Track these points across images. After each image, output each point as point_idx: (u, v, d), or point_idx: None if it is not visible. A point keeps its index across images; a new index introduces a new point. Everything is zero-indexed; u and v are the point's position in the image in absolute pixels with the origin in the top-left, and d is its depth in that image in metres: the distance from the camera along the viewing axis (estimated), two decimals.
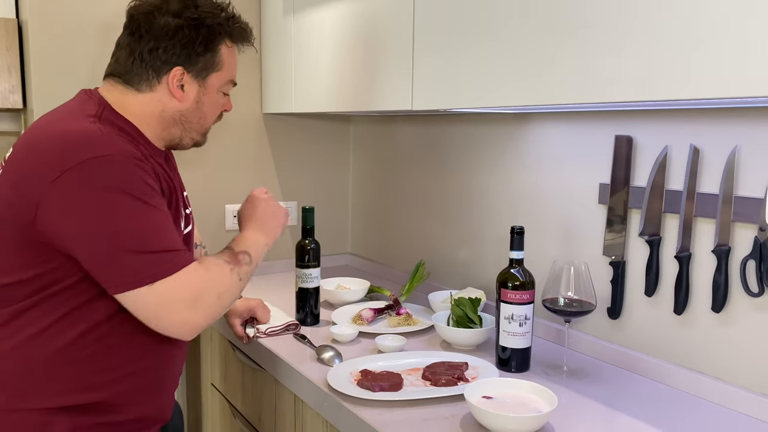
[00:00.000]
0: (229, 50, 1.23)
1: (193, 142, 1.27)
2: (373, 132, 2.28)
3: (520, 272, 1.37)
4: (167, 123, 1.20)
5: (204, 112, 1.23)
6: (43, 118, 1.15)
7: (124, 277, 1.02)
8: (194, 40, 1.16)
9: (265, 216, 1.31)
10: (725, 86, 0.90)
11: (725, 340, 1.26)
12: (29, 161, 1.05)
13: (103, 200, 1.01)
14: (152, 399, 1.21)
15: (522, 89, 1.21)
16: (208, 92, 1.22)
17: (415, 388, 1.28)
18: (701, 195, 1.27)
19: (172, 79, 1.17)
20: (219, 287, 1.11)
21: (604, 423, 1.18)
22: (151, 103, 1.18)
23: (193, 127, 1.24)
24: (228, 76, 1.24)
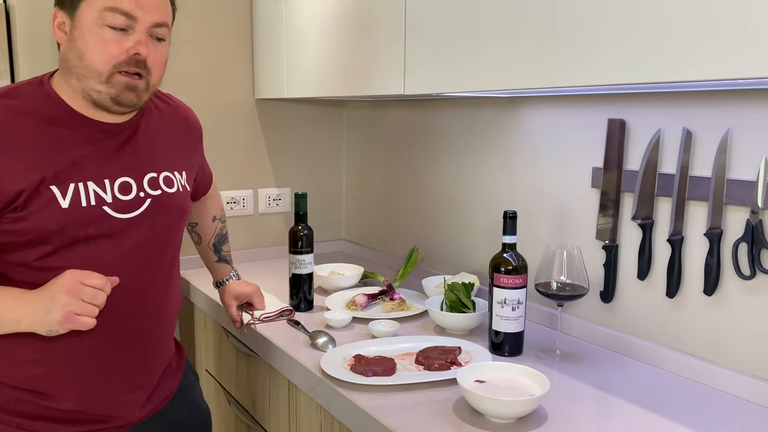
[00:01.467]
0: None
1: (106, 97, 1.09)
2: (367, 117, 2.27)
3: (513, 257, 1.37)
4: (65, 75, 1.10)
5: (79, 49, 1.07)
6: None
7: None
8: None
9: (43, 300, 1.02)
10: (719, 68, 0.90)
11: (717, 323, 1.26)
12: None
13: None
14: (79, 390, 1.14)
15: (514, 73, 1.20)
16: (78, 26, 1.07)
17: (409, 372, 1.28)
18: (694, 178, 1.27)
19: (53, 22, 1.11)
20: None
21: (597, 406, 1.18)
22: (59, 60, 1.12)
23: (82, 72, 1.08)
24: (103, 3, 1.06)
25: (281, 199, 2.30)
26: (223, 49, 2.11)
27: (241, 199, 2.21)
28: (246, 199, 2.23)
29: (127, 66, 1.08)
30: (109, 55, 1.07)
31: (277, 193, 2.29)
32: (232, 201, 2.20)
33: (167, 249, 1.24)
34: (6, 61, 1.86)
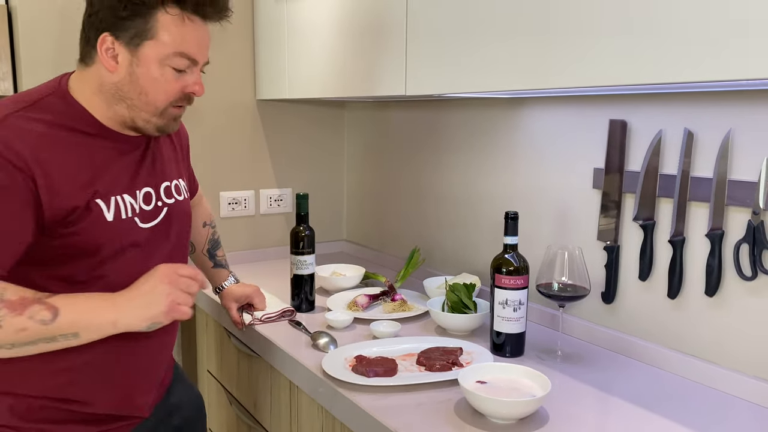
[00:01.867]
0: (173, 18, 1.08)
1: (152, 126, 1.14)
2: (368, 118, 2.28)
3: (515, 257, 1.37)
4: (109, 99, 1.11)
5: (142, 87, 1.09)
6: None
7: None
8: (120, 2, 1.06)
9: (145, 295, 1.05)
10: (720, 69, 0.90)
11: (718, 324, 1.26)
12: None
13: None
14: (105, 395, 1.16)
15: (516, 73, 1.20)
16: (142, 64, 1.08)
17: (410, 373, 1.28)
18: (695, 179, 1.27)
19: (101, 45, 1.08)
20: None
21: (598, 407, 1.18)
22: (92, 76, 1.11)
23: (137, 104, 1.11)
24: (171, 48, 1.09)
25: (282, 199, 2.30)
26: (225, 50, 2.11)
27: (242, 199, 2.21)
28: (247, 199, 2.23)
29: (180, 101, 1.15)
30: (170, 94, 1.12)
31: (278, 193, 2.29)
32: (234, 201, 2.20)
33: (180, 255, 1.28)
34: (8, 63, 1.87)
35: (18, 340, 0.98)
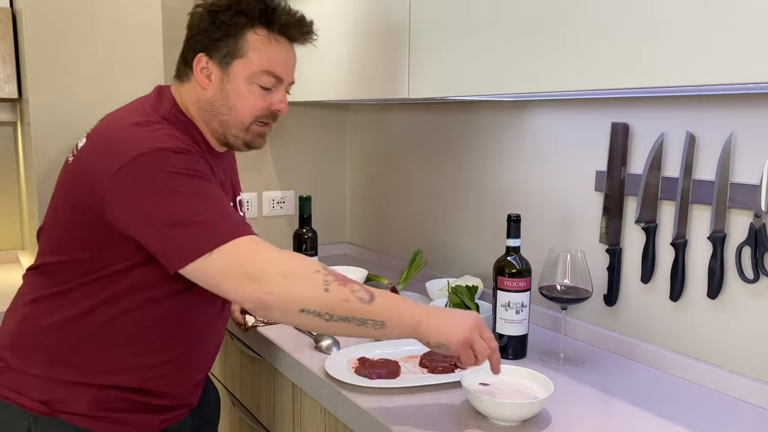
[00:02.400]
0: (261, 39, 1.18)
1: (240, 141, 1.24)
2: (371, 120, 2.28)
3: (517, 260, 1.37)
4: (205, 116, 1.21)
5: (232, 103, 1.19)
6: (116, 113, 1.19)
7: (181, 250, 1.03)
8: (213, 24, 1.17)
9: (453, 317, 1.07)
10: (721, 72, 0.90)
11: (721, 326, 1.27)
12: (98, 152, 1.10)
13: (161, 182, 1.04)
14: (179, 386, 1.25)
15: (518, 77, 1.20)
16: (233, 80, 1.18)
17: (413, 375, 1.28)
18: (697, 182, 1.27)
19: (196, 65, 1.19)
20: (285, 267, 1.03)
21: (601, 409, 1.19)
22: (190, 93, 1.21)
23: (227, 120, 1.20)
24: (259, 66, 1.18)
25: (285, 201, 2.31)
26: None
27: (245, 201, 2.22)
28: (250, 201, 2.24)
29: (265, 118, 1.23)
30: (256, 110, 1.21)
31: (281, 195, 2.30)
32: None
33: None
34: (12, 66, 1.88)
35: (337, 311, 1.02)
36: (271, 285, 1.01)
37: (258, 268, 1.02)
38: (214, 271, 1.02)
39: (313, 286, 1.02)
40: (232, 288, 1.02)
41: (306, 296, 1.02)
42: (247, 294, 1.01)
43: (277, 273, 1.02)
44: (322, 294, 1.02)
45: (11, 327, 1.20)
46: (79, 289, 1.14)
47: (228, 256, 1.02)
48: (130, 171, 1.04)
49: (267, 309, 1.02)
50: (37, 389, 1.14)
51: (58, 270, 1.15)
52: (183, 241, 1.03)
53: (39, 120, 1.82)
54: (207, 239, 1.02)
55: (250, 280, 1.01)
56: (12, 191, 2.24)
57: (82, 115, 1.82)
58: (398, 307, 1.05)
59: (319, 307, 1.02)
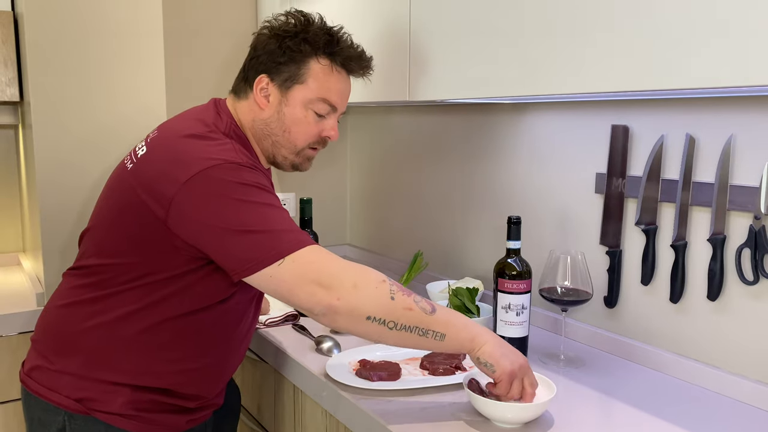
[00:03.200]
0: (323, 68, 1.24)
1: (288, 162, 1.29)
2: (371, 123, 2.29)
3: (517, 262, 1.38)
4: (258, 135, 1.26)
5: (287, 125, 1.24)
6: (180, 122, 1.22)
7: (250, 258, 1.06)
8: (280, 49, 1.22)
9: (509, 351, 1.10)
10: (721, 76, 0.91)
11: (720, 328, 1.27)
12: (165, 161, 1.13)
13: (230, 192, 1.07)
14: (210, 390, 1.29)
15: (518, 79, 1.21)
16: (290, 104, 1.24)
17: (413, 377, 1.29)
18: (697, 184, 1.28)
19: (257, 85, 1.24)
20: (355, 277, 1.06)
21: (602, 411, 1.19)
22: (246, 111, 1.26)
23: (280, 141, 1.25)
24: (317, 93, 1.24)
25: (285, 204, 2.31)
26: (229, 55, 2.13)
27: None
28: None
29: (316, 144, 1.29)
30: (309, 135, 1.26)
31: (281, 198, 2.30)
32: None
33: None
34: (14, 69, 1.88)
35: (401, 319, 1.05)
36: (341, 292, 1.05)
37: (329, 275, 1.06)
38: (287, 276, 1.05)
39: (380, 295, 1.05)
40: (305, 293, 1.05)
41: (373, 304, 1.05)
42: (318, 299, 1.05)
43: (347, 281, 1.05)
44: (388, 302, 1.05)
45: (50, 326, 1.23)
46: (123, 294, 1.16)
47: (300, 263, 1.06)
48: (201, 180, 1.07)
49: (335, 315, 1.05)
50: (73, 388, 1.17)
51: (103, 272, 1.18)
52: (255, 248, 1.06)
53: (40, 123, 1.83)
54: (279, 247, 1.06)
55: (321, 287, 1.05)
56: (13, 194, 2.24)
57: (84, 118, 1.83)
58: (459, 320, 1.09)
59: (384, 315, 1.05)
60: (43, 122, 1.85)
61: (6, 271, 2.15)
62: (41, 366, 1.21)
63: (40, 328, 1.26)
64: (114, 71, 1.89)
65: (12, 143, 2.24)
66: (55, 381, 1.19)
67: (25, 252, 2.25)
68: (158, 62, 1.92)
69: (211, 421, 1.37)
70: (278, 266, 1.05)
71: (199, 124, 1.19)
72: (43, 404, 1.19)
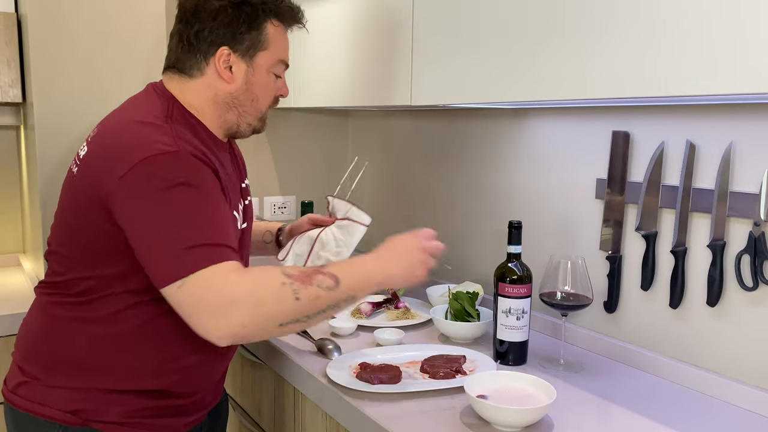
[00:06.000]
0: (276, 29, 1.22)
1: (251, 129, 1.27)
2: (372, 126, 2.29)
3: (518, 266, 1.38)
4: (221, 108, 1.21)
5: (255, 94, 1.22)
6: (117, 115, 1.18)
7: (163, 271, 1.01)
8: (237, 18, 1.17)
9: (401, 257, 1.17)
10: (721, 83, 0.92)
11: (720, 334, 1.27)
12: (103, 157, 1.09)
13: (162, 193, 1.02)
14: (204, 388, 1.27)
15: (520, 85, 1.22)
16: (257, 72, 1.21)
17: (414, 380, 1.29)
18: (697, 190, 1.29)
19: (218, 59, 1.18)
20: (257, 295, 1.00)
21: (601, 415, 1.19)
22: (203, 88, 1.19)
23: (248, 110, 1.23)
24: (277, 56, 1.23)
25: (286, 207, 2.32)
26: None
27: None
28: None
29: (273, 105, 1.29)
30: (271, 98, 1.27)
31: (282, 201, 2.31)
32: None
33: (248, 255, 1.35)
34: (17, 71, 1.89)
35: (312, 310, 1.04)
36: (245, 316, 0.99)
37: (230, 300, 0.99)
38: (186, 300, 1.00)
39: (284, 301, 1.02)
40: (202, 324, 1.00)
41: (281, 313, 1.02)
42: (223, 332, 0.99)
43: (249, 300, 0.99)
44: (294, 304, 1.02)
45: (35, 343, 1.18)
46: (105, 298, 1.13)
47: (200, 286, 0.99)
48: (133, 176, 1.02)
49: (244, 339, 1.03)
50: (67, 400, 1.13)
51: (78, 285, 1.14)
52: (161, 262, 1.01)
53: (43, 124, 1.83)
54: (182, 266, 0.99)
55: (221, 315, 0.98)
56: (14, 195, 2.24)
57: (86, 119, 1.83)
58: (362, 276, 1.11)
59: (295, 315, 1.03)
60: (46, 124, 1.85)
61: (6, 272, 2.16)
62: (29, 382, 1.16)
63: (22, 346, 1.20)
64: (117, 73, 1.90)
65: (14, 144, 2.24)
66: (47, 395, 1.14)
67: (25, 253, 2.26)
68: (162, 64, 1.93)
69: (206, 423, 1.35)
70: (178, 288, 0.99)
71: (137, 112, 1.14)
72: (34, 420, 1.14)
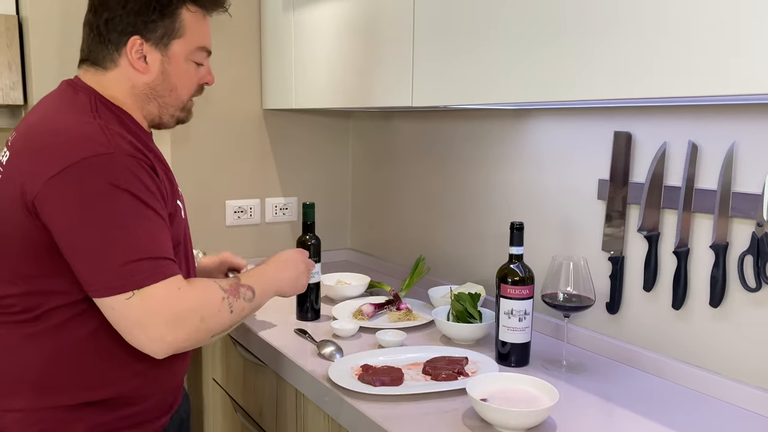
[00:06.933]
0: (194, 15, 1.16)
1: (174, 120, 1.22)
2: (373, 127, 2.29)
3: (520, 267, 1.38)
4: (140, 100, 1.16)
5: (173, 84, 1.17)
6: (36, 114, 1.11)
7: (104, 281, 0.98)
8: (148, 5, 1.11)
9: (290, 267, 1.33)
10: (723, 83, 0.91)
11: (723, 335, 1.27)
12: (29, 158, 1.03)
13: (100, 198, 0.98)
14: (166, 388, 1.22)
15: (521, 86, 1.21)
16: (173, 61, 1.16)
17: (416, 382, 1.29)
18: (699, 191, 1.28)
19: (130, 49, 1.12)
20: (203, 310, 1.05)
21: (604, 417, 1.19)
22: (119, 80, 1.14)
23: (168, 101, 1.18)
24: (196, 42, 1.17)
25: (288, 208, 2.32)
26: (232, 60, 2.13)
27: (248, 208, 2.23)
28: (253, 208, 2.24)
29: (196, 93, 1.24)
30: (192, 87, 1.22)
31: (283, 202, 2.30)
32: (240, 210, 2.21)
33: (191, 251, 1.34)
34: (18, 73, 1.89)
35: (237, 320, 1.14)
36: (189, 331, 1.04)
37: (180, 315, 1.02)
38: (133, 314, 0.99)
39: (222, 316, 1.10)
40: (147, 337, 1.00)
41: (218, 326, 1.10)
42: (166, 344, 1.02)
43: (194, 317, 1.05)
44: (228, 317, 1.11)
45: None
46: (52, 310, 1.06)
47: (151, 300, 0.99)
48: (66, 177, 0.97)
49: (179, 351, 1.05)
50: (25, 423, 1.07)
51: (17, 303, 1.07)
52: (108, 271, 0.98)
53: None
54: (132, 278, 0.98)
55: (169, 329, 1.01)
56: None
57: None
58: (267, 287, 1.23)
59: (227, 326, 1.12)
60: None
61: None
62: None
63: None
64: None
65: None
66: (3, 421, 1.07)
67: None
68: None
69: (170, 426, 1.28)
70: (125, 300, 0.98)
71: (60, 111, 1.09)
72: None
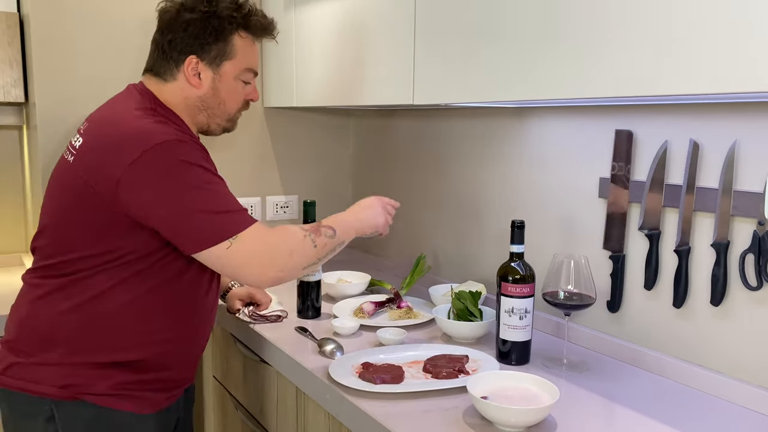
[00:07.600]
0: (244, 40, 1.34)
1: (221, 129, 1.40)
2: (374, 125, 2.29)
3: (521, 266, 1.38)
4: (192, 110, 1.34)
5: (222, 98, 1.35)
6: (107, 111, 1.29)
7: (200, 236, 1.17)
8: (205, 30, 1.29)
9: (368, 209, 1.44)
10: (724, 81, 0.91)
11: (724, 334, 1.27)
12: (103, 147, 1.20)
13: (177, 171, 1.16)
14: (184, 362, 1.37)
15: (522, 84, 1.21)
16: (224, 79, 1.34)
17: (416, 380, 1.29)
18: (701, 189, 1.28)
19: (187, 66, 1.30)
20: (289, 244, 1.24)
21: (604, 415, 1.19)
22: (176, 91, 1.32)
23: (216, 113, 1.36)
24: (244, 64, 1.35)
25: (289, 206, 2.32)
26: None
27: (249, 206, 2.23)
28: (254, 206, 2.24)
29: (243, 108, 1.42)
30: (240, 103, 1.40)
31: (284, 200, 2.31)
32: None
33: None
34: (20, 70, 1.89)
35: (323, 253, 1.30)
36: (282, 263, 1.23)
37: (270, 252, 1.22)
38: (236, 256, 1.18)
39: (308, 250, 1.27)
40: (252, 273, 1.21)
41: (306, 260, 1.27)
42: (265, 277, 1.22)
43: (284, 251, 1.24)
44: (313, 251, 1.28)
45: (24, 323, 1.27)
46: (93, 277, 1.22)
47: (247, 243, 1.18)
48: (145, 161, 1.15)
49: (279, 282, 1.24)
50: (58, 376, 1.22)
51: (67, 266, 1.22)
52: (203, 228, 1.17)
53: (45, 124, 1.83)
54: (227, 228, 1.18)
55: (265, 265, 1.21)
56: (17, 194, 2.24)
57: None
58: (346, 226, 1.36)
59: (313, 260, 1.29)
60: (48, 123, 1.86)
61: (9, 272, 2.16)
62: (19, 362, 1.24)
63: (11, 327, 1.30)
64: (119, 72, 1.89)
65: (16, 144, 2.24)
66: (37, 373, 1.23)
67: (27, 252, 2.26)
68: None
69: (182, 399, 1.43)
70: (227, 248, 1.17)
71: (129, 108, 1.25)
72: (26, 398, 1.22)
